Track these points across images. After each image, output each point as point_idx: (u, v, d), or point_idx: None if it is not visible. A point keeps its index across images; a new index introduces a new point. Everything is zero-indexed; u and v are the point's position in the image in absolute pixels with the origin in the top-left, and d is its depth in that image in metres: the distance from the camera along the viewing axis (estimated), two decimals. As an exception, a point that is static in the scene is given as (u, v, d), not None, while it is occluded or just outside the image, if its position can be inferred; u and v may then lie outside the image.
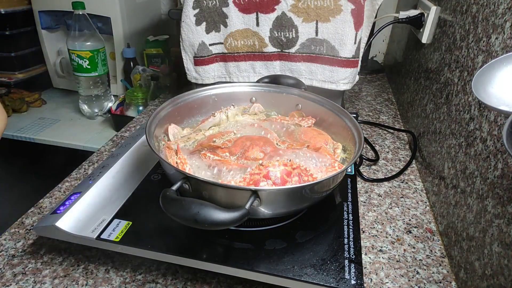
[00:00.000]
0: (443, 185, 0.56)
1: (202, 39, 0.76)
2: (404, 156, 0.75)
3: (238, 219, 0.36)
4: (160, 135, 0.56)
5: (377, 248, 0.52)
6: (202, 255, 0.43)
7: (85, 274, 0.46)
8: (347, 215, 0.51)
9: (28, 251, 0.49)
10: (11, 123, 1.07)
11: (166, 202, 0.37)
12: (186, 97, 0.62)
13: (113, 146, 0.75)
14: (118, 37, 1.09)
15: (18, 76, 1.16)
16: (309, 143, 0.56)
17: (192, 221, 0.35)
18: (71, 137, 1.00)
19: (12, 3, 1.09)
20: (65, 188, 0.61)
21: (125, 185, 0.54)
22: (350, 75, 0.76)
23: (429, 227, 0.56)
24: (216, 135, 0.59)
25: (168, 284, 0.45)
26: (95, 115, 1.09)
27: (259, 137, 0.57)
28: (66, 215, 0.46)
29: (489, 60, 0.47)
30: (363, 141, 0.51)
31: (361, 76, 1.22)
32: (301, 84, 0.69)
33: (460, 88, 0.55)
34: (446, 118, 0.60)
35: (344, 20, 0.70)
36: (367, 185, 0.65)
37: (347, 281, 0.40)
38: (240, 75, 0.80)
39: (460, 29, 0.59)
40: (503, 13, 0.44)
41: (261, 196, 0.39)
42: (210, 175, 0.49)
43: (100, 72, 1.03)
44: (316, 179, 0.47)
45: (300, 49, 0.75)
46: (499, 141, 0.41)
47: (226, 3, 0.73)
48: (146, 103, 1.02)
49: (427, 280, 0.47)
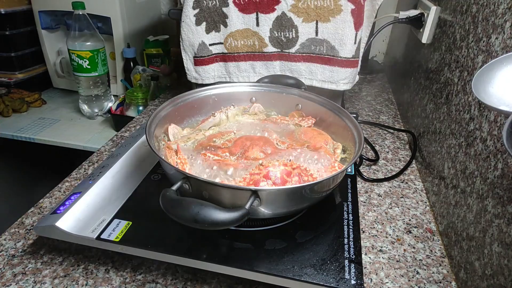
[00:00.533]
0: (443, 185, 0.56)
1: (202, 39, 0.76)
2: (404, 156, 0.75)
3: (238, 219, 0.36)
4: (160, 135, 0.56)
5: (377, 248, 0.52)
6: (202, 255, 0.43)
7: (85, 274, 0.46)
8: (347, 215, 0.51)
9: (28, 251, 0.49)
10: (11, 123, 1.07)
11: (166, 202, 0.37)
12: (186, 97, 0.62)
13: (113, 146, 0.75)
14: (118, 37, 1.09)
15: (18, 76, 1.16)
16: (309, 143, 0.56)
17: (192, 221, 0.35)
18: (71, 137, 1.00)
19: (12, 3, 1.09)
20: (65, 188, 0.62)
21: (125, 185, 0.54)
22: (350, 75, 0.76)
23: (429, 227, 0.56)
24: (216, 135, 0.59)
25: (168, 284, 0.45)
26: (95, 115, 1.09)
27: (259, 137, 0.57)
28: (66, 215, 0.46)
29: (489, 60, 0.47)
30: (363, 141, 0.51)
31: (361, 76, 1.22)
32: (301, 84, 0.69)
33: (460, 88, 0.55)
34: (446, 118, 0.60)
35: (344, 20, 0.70)
36: (367, 185, 0.65)
37: (347, 281, 0.40)
38: (240, 75, 0.80)
39: (460, 29, 0.59)
40: (503, 13, 0.44)
41: (261, 196, 0.39)
42: (210, 175, 0.49)
43: (100, 72, 1.03)
44: (316, 179, 0.47)
45: (300, 49, 0.75)
46: (499, 141, 0.41)
47: (226, 3, 0.73)
48: (146, 103, 1.02)
49: (427, 280, 0.47)
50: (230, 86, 0.67)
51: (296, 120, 0.64)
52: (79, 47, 0.97)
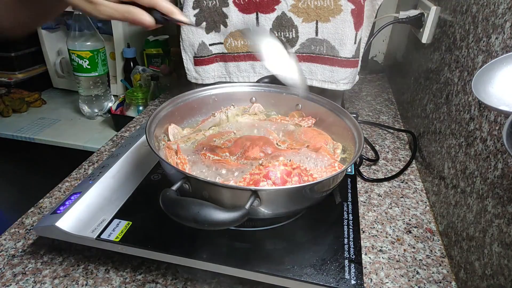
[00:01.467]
0: (443, 185, 0.56)
1: (202, 39, 0.76)
2: (404, 156, 0.75)
3: (238, 219, 0.36)
4: (160, 135, 0.56)
5: (377, 248, 0.52)
6: (202, 255, 0.43)
7: (85, 274, 0.46)
8: (347, 215, 0.51)
9: (28, 251, 0.49)
10: (11, 123, 1.07)
11: (166, 202, 0.37)
12: (186, 97, 0.62)
13: (113, 146, 0.75)
14: (118, 37, 1.09)
15: (18, 76, 1.16)
16: (309, 143, 0.56)
17: (192, 221, 0.35)
18: (71, 137, 1.00)
19: (12, 3, 1.09)
20: (65, 188, 0.61)
21: (125, 185, 0.54)
22: (350, 75, 0.76)
23: (429, 227, 0.56)
24: (216, 135, 0.59)
25: (168, 284, 0.45)
26: (95, 115, 1.09)
27: (259, 137, 0.57)
28: (66, 215, 0.46)
29: (489, 60, 0.47)
30: (363, 141, 0.51)
31: (361, 76, 1.21)
32: (301, 84, 0.69)
33: (460, 88, 0.55)
34: (446, 118, 0.60)
35: (344, 20, 0.70)
36: (367, 185, 0.65)
37: (347, 281, 0.40)
38: (240, 75, 0.80)
39: (460, 29, 0.59)
40: (503, 13, 0.44)
41: (261, 196, 0.39)
42: (210, 174, 0.49)
43: (100, 72, 1.03)
44: (316, 179, 0.47)
45: (300, 49, 0.75)
46: (499, 141, 0.41)
47: (226, 3, 0.73)
48: (146, 103, 1.02)
49: (427, 280, 0.47)
50: (230, 86, 0.67)
51: (296, 120, 0.64)
52: (79, 47, 0.97)
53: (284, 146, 0.57)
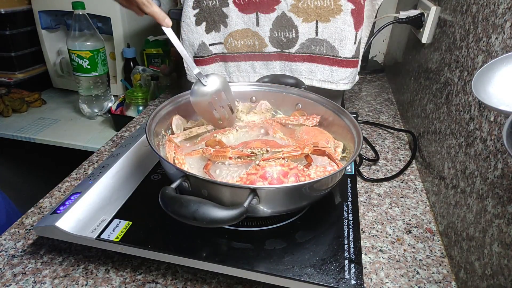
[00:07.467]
0: (443, 185, 0.56)
1: (202, 39, 0.76)
2: (404, 156, 0.75)
3: (236, 217, 0.36)
4: (160, 131, 0.56)
5: (377, 248, 0.52)
6: (202, 255, 0.43)
7: (85, 274, 0.46)
8: (347, 215, 0.51)
9: (28, 251, 0.49)
10: (11, 123, 1.07)
11: (165, 200, 0.37)
12: (187, 96, 0.62)
13: (113, 146, 0.75)
14: (118, 37, 1.09)
15: (18, 76, 1.16)
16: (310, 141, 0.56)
17: (191, 218, 0.35)
18: (71, 137, 1.00)
19: (12, 3, 1.09)
20: (65, 188, 0.61)
21: (125, 185, 0.54)
22: (350, 75, 0.76)
23: (429, 227, 0.56)
24: (218, 130, 0.60)
25: (168, 284, 0.45)
26: (95, 115, 1.09)
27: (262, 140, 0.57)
28: (66, 215, 0.46)
29: (489, 60, 0.47)
30: (362, 140, 0.51)
31: (361, 76, 1.22)
32: (301, 83, 0.69)
33: (460, 88, 0.55)
34: (446, 118, 0.60)
35: (344, 20, 0.70)
36: (367, 185, 0.65)
37: (347, 281, 0.40)
38: (240, 75, 0.80)
39: (460, 29, 0.59)
40: (503, 13, 0.44)
41: (259, 194, 0.39)
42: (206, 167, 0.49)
43: (100, 72, 1.03)
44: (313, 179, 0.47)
45: (300, 49, 0.75)
46: (499, 141, 0.41)
47: (226, 3, 0.73)
48: (146, 103, 1.02)
49: (427, 280, 0.47)
50: (230, 86, 0.67)
51: (301, 120, 0.63)
52: (79, 47, 0.97)
53: (287, 142, 0.57)
